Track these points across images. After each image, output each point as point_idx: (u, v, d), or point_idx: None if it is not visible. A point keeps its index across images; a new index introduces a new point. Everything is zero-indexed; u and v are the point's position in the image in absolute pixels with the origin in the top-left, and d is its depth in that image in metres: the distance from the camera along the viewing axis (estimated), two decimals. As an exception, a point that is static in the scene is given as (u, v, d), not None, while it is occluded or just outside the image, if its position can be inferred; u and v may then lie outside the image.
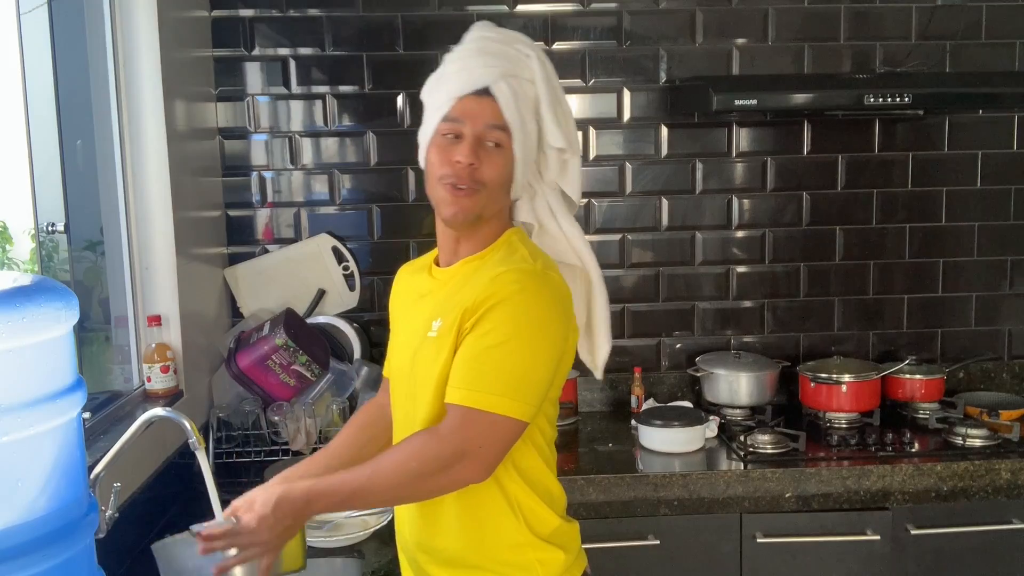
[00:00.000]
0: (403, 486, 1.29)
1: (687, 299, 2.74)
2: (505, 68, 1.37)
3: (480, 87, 1.35)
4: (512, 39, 1.42)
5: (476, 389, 1.28)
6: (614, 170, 2.68)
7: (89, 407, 1.74)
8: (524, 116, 1.38)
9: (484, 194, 1.37)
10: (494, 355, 1.29)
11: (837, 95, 2.39)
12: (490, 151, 1.36)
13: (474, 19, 2.57)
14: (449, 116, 1.36)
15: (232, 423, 2.30)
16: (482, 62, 1.37)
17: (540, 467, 1.43)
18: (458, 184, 1.35)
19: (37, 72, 1.83)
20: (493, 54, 1.38)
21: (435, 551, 1.42)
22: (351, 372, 2.39)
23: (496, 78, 1.35)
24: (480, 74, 1.36)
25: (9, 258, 2.47)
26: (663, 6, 2.63)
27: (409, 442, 1.31)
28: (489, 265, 1.38)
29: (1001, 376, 2.80)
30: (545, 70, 1.41)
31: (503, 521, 1.38)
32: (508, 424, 1.29)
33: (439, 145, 1.38)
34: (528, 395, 1.30)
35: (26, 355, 0.90)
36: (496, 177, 1.37)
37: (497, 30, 1.44)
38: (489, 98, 1.35)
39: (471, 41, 1.42)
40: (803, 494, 2.18)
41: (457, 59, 1.40)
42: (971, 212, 2.75)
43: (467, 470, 1.28)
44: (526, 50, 1.40)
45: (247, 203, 2.63)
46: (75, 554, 0.98)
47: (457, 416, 1.29)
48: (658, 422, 2.33)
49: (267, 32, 2.57)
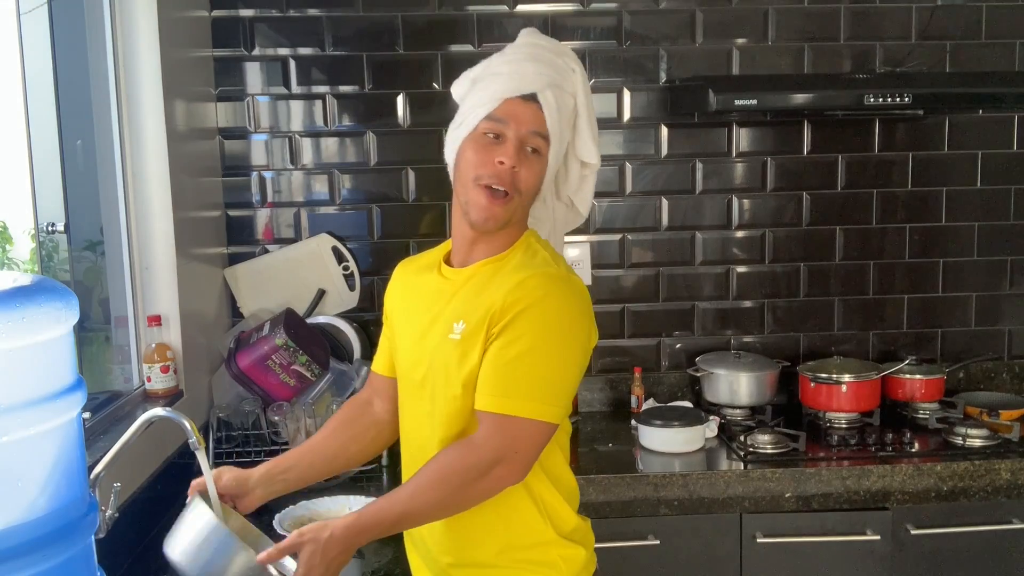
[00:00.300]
0: (447, 499, 1.31)
1: (687, 299, 2.74)
2: (553, 78, 1.39)
3: (528, 92, 1.37)
4: (562, 51, 1.44)
5: (508, 396, 1.31)
6: (614, 170, 2.68)
7: (89, 407, 1.74)
8: (562, 127, 1.41)
9: (517, 200, 1.39)
10: (524, 361, 1.31)
11: (837, 95, 2.38)
12: (529, 157, 1.38)
13: (474, 19, 2.59)
14: (494, 115, 1.37)
15: (232, 423, 2.30)
16: (534, 69, 1.38)
17: (562, 464, 1.46)
18: (496, 185, 1.36)
19: (37, 72, 1.83)
20: (544, 62, 1.40)
21: (463, 554, 1.43)
22: (351, 372, 2.39)
23: (544, 86, 1.37)
24: (531, 80, 1.37)
25: (9, 258, 2.47)
26: (663, 6, 2.63)
27: (445, 455, 1.33)
28: (510, 267, 1.39)
29: (1001, 376, 2.80)
30: (586, 86, 1.44)
31: (531, 521, 1.40)
32: (541, 427, 1.32)
33: (479, 143, 1.38)
34: (558, 398, 1.33)
35: (26, 355, 0.90)
36: (532, 183, 1.39)
37: (547, 39, 1.46)
38: (535, 104, 1.37)
39: (524, 46, 1.43)
40: (803, 494, 2.18)
41: (509, 61, 1.41)
42: (971, 212, 2.75)
43: (505, 474, 1.31)
44: (572, 64, 1.43)
45: (247, 203, 2.63)
46: (75, 554, 0.98)
47: (491, 423, 1.31)
48: (658, 422, 2.34)
49: (267, 32, 2.57)
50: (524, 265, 1.38)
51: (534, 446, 1.33)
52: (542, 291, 1.33)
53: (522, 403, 1.30)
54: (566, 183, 1.50)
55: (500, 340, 1.33)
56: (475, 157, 1.37)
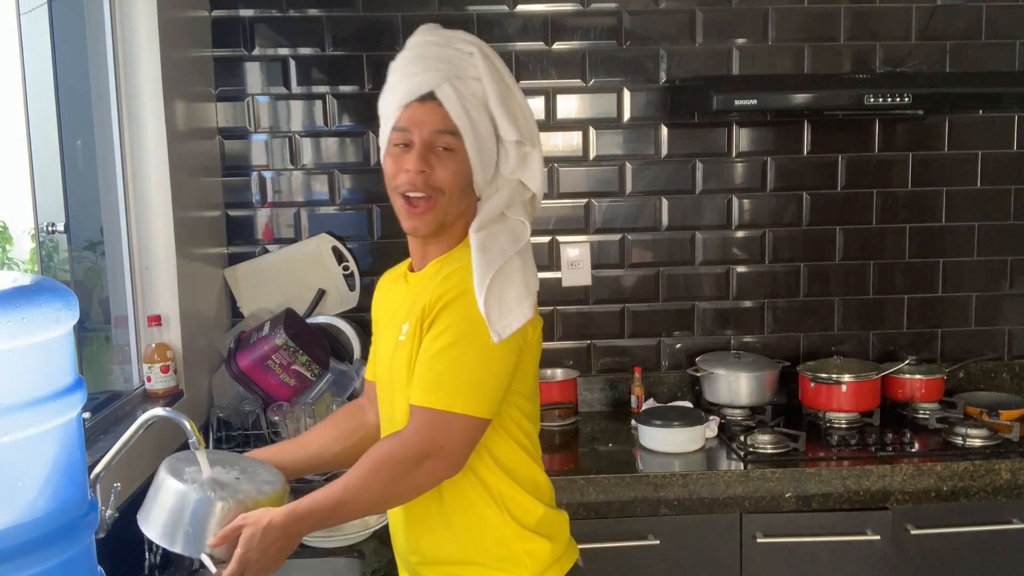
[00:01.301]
0: (377, 491, 1.31)
1: (687, 299, 2.74)
2: (447, 70, 1.36)
3: (424, 93, 1.35)
4: (451, 39, 1.40)
5: (433, 390, 1.31)
6: (614, 170, 2.68)
7: (89, 407, 1.74)
8: (474, 116, 1.37)
9: (443, 200, 1.38)
10: (448, 355, 1.32)
11: (837, 95, 2.38)
12: (441, 156, 1.37)
13: (474, 19, 2.59)
14: (397, 126, 1.38)
15: (232, 423, 2.30)
16: (423, 67, 1.36)
17: (521, 457, 1.44)
18: (411, 192, 1.37)
19: (37, 72, 1.83)
20: (433, 58, 1.37)
21: (426, 552, 1.44)
22: (351, 372, 2.39)
23: (439, 82, 1.35)
24: (422, 80, 1.36)
25: (9, 258, 2.47)
26: (663, 6, 2.63)
27: (376, 449, 1.34)
28: (450, 266, 1.39)
29: (1001, 376, 2.80)
30: (491, 64, 1.39)
31: (487, 513, 1.40)
32: (467, 422, 1.31)
33: (392, 155, 1.39)
34: (485, 392, 1.32)
35: (26, 355, 0.90)
36: (450, 181, 1.37)
37: (438, 32, 1.43)
38: (435, 103, 1.36)
39: (410, 48, 1.41)
40: (803, 494, 2.18)
41: (399, 68, 1.40)
42: (971, 212, 2.75)
43: (434, 468, 1.32)
44: (467, 48, 1.39)
45: (247, 203, 2.63)
46: (75, 554, 0.98)
47: (419, 417, 1.32)
48: (658, 422, 2.33)
49: (267, 32, 2.57)
50: (454, 261, 1.39)
51: (462, 441, 1.33)
52: (465, 285, 1.33)
53: (448, 398, 1.30)
54: (507, 164, 1.45)
55: (429, 334, 1.34)
56: (389, 169, 1.40)
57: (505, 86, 1.40)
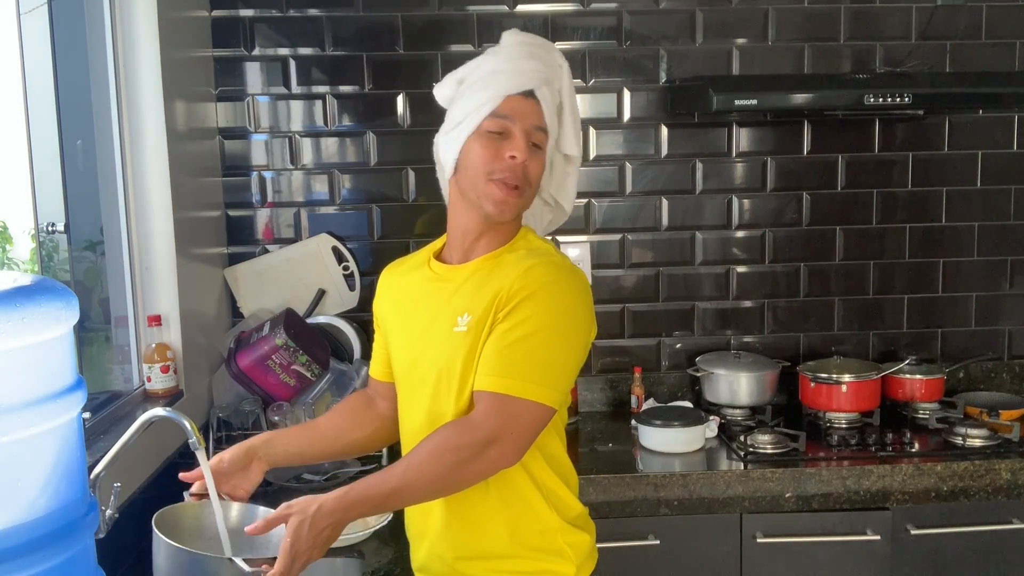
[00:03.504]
0: (441, 477, 1.28)
1: (687, 299, 2.74)
2: (546, 74, 1.42)
3: (528, 88, 1.40)
4: (551, 48, 1.48)
5: (508, 376, 1.31)
6: (614, 170, 2.68)
7: (89, 407, 1.74)
8: (554, 122, 1.44)
9: (529, 193, 1.42)
10: (527, 344, 1.32)
11: (837, 95, 2.39)
12: (534, 151, 1.41)
13: (474, 19, 2.59)
14: (498, 112, 1.39)
15: (232, 423, 2.30)
16: (532, 66, 1.41)
17: (562, 451, 1.47)
18: (510, 181, 1.38)
19: (37, 72, 1.83)
20: (539, 59, 1.43)
21: (470, 546, 1.43)
22: (351, 372, 2.39)
23: (540, 82, 1.41)
24: (529, 77, 1.40)
25: (9, 258, 2.47)
26: (663, 6, 2.63)
27: (440, 434, 1.31)
28: (514, 259, 1.41)
29: (1001, 376, 2.80)
30: (570, 81, 1.47)
31: (536, 507, 1.41)
32: (538, 410, 1.31)
33: (486, 140, 1.40)
34: (558, 383, 1.34)
35: (26, 355, 0.90)
36: (538, 176, 1.43)
37: (537, 37, 1.49)
38: (533, 100, 1.41)
39: (519, 45, 1.45)
40: (803, 494, 2.18)
41: (507, 60, 1.43)
42: (971, 212, 2.75)
43: (499, 455, 1.30)
44: (559, 60, 1.46)
45: (247, 203, 2.63)
46: (75, 554, 0.98)
47: (489, 403, 1.31)
48: (658, 422, 2.34)
49: (267, 32, 2.57)
50: (530, 255, 1.41)
51: (531, 429, 1.32)
52: (549, 278, 1.35)
53: (522, 384, 1.30)
54: (551, 179, 1.51)
55: (505, 323, 1.34)
56: (484, 152, 1.39)
57: (576, 104, 1.49)
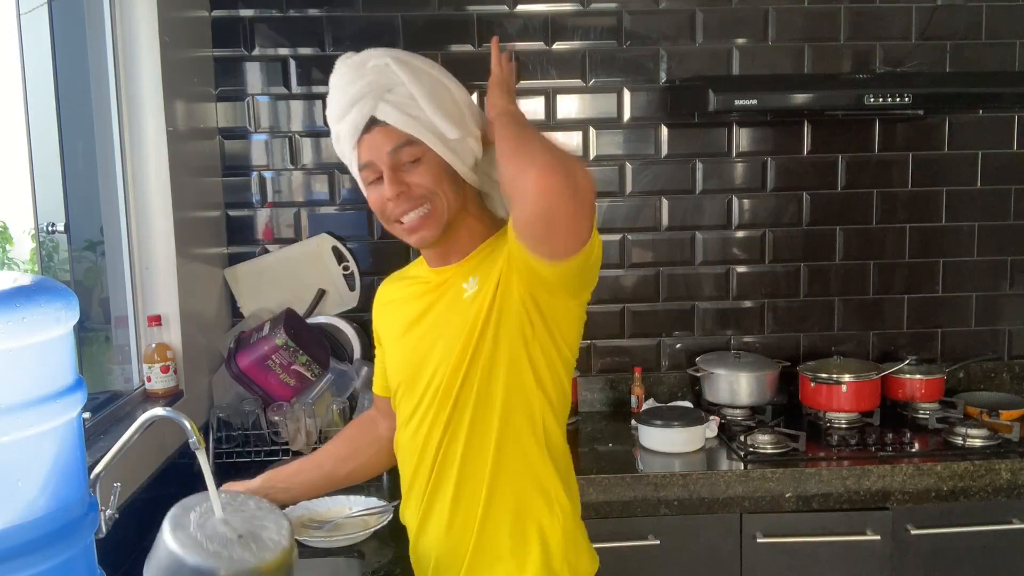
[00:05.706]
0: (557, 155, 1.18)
1: (687, 299, 2.74)
2: (373, 91, 1.32)
3: (366, 123, 1.33)
4: (364, 60, 1.35)
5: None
6: (614, 170, 2.68)
7: (89, 407, 1.73)
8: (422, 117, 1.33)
9: (434, 204, 1.36)
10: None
11: (837, 95, 2.38)
12: (410, 169, 1.35)
13: (474, 19, 2.59)
14: (361, 164, 1.37)
15: (232, 423, 2.30)
16: (349, 100, 1.33)
17: (565, 453, 1.47)
18: (400, 218, 1.37)
19: (37, 72, 1.83)
20: (355, 85, 1.33)
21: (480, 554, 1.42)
22: (351, 372, 2.39)
23: (373, 105, 1.32)
24: (357, 112, 1.33)
25: (9, 258, 2.47)
26: (663, 6, 2.63)
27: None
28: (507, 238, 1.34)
29: (1001, 376, 2.80)
30: (409, 68, 1.34)
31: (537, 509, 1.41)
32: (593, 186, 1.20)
33: (370, 191, 1.40)
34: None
35: (26, 355, 0.90)
36: (431, 182, 1.35)
37: (350, 59, 1.37)
38: (380, 125, 1.33)
39: (333, 91, 1.37)
40: (803, 494, 2.18)
41: (331, 115, 1.38)
42: (971, 212, 2.75)
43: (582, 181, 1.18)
44: (380, 60, 1.34)
45: (247, 203, 2.63)
46: (75, 554, 0.98)
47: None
48: (658, 422, 2.34)
49: (267, 32, 2.57)
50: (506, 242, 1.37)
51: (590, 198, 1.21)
52: None
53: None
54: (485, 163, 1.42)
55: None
56: (373, 202, 1.40)
57: (431, 85, 1.34)
